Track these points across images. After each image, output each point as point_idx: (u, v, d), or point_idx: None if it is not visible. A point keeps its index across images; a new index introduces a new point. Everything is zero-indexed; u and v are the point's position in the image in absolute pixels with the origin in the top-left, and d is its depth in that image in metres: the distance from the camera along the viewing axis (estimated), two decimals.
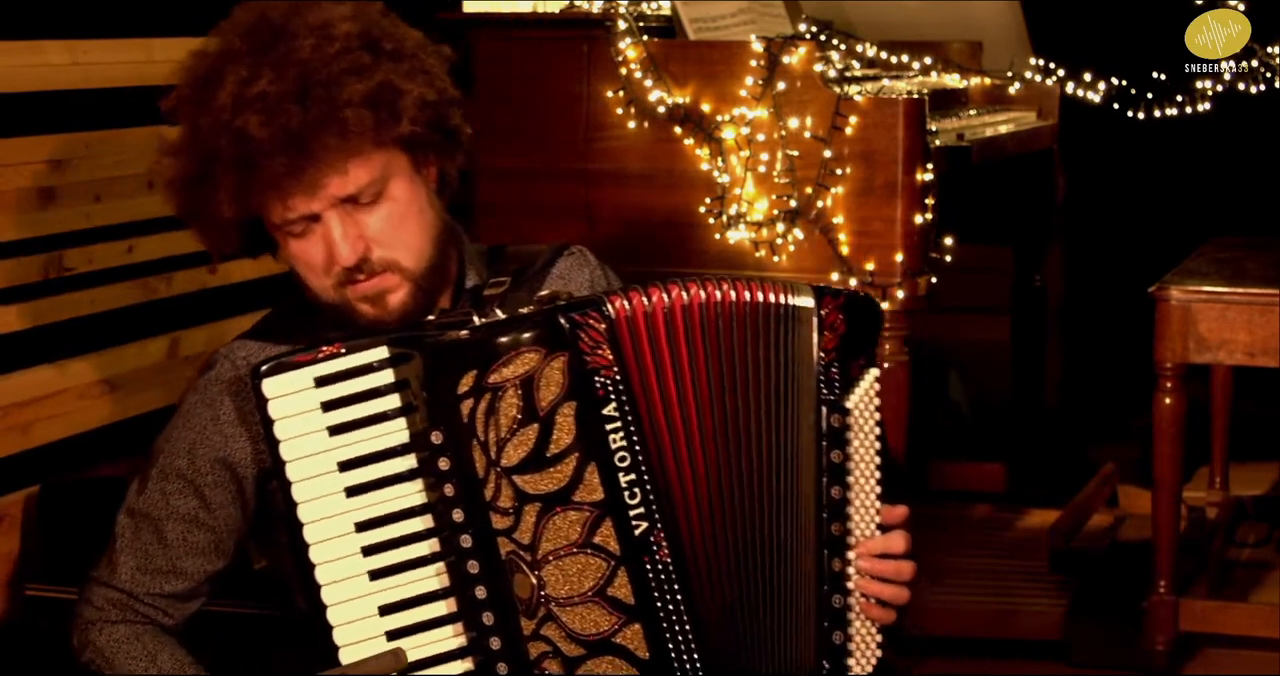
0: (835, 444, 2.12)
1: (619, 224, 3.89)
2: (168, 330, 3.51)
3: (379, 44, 2.17)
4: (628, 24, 3.84)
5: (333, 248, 2.16)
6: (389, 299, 2.20)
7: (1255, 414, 4.81)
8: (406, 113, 2.16)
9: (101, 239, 3.34)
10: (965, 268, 3.98)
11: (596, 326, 2.03)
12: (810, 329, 2.12)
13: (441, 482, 2.04)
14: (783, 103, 3.71)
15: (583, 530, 2.02)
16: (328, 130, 2.10)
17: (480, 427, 2.02)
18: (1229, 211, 5.19)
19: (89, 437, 3.31)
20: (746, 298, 2.10)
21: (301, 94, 2.10)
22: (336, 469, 2.06)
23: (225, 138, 2.11)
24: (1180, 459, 3.77)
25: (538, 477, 2.02)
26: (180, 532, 2.25)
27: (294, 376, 2.06)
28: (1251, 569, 4.20)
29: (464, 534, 2.04)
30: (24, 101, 3.16)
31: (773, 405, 2.10)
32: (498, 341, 2.02)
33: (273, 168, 2.09)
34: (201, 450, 2.25)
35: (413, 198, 2.21)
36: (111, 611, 2.24)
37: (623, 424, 2.03)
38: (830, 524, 2.12)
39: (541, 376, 2.01)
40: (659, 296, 2.06)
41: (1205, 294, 3.68)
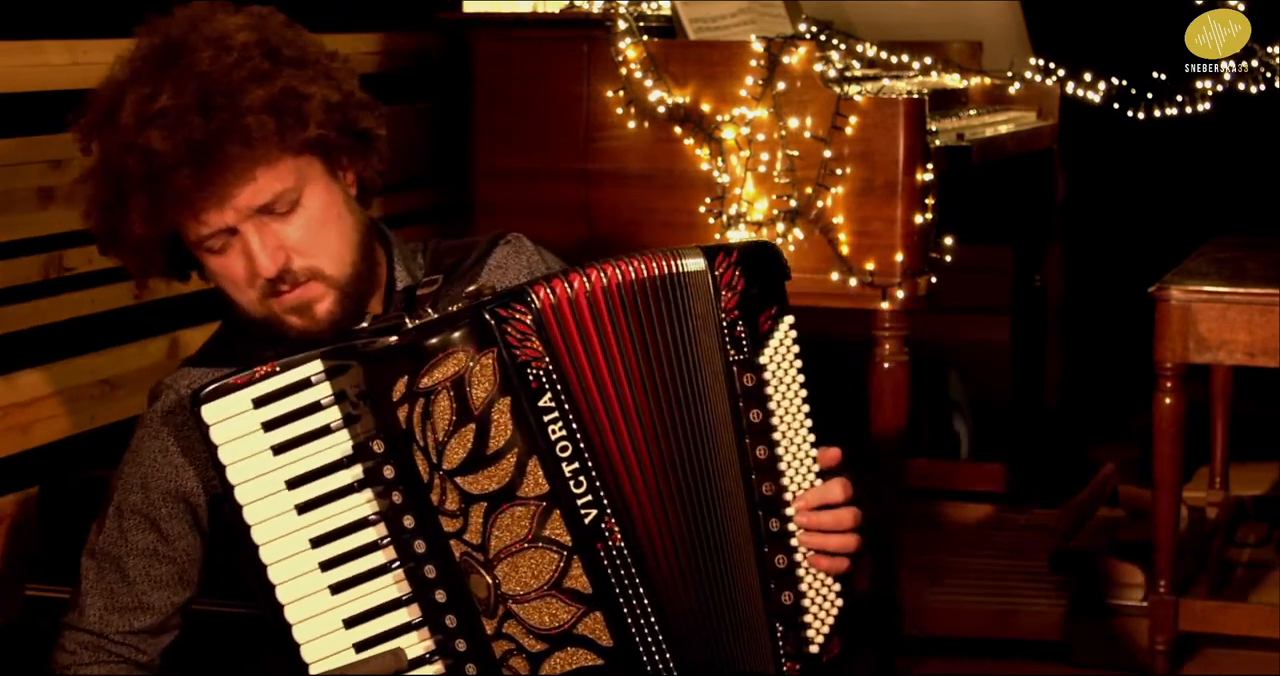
0: (753, 403, 2.12)
1: (619, 224, 3.89)
2: (167, 330, 3.51)
3: (279, 51, 2.15)
4: (628, 24, 3.84)
5: (253, 260, 2.15)
6: (316, 309, 2.18)
7: (1255, 414, 4.81)
8: (312, 117, 2.13)
9: None
10: (965, 268, 3.98)
11: (522, 318, 2.00)
12: (706, 291, 2.11)
13: (389, 491, 2.03)
14: (783, 103, 3.71)
15: (531, 524, 2.00)
16: (231, 138, 2.08)
17: (418, 432, 2.00)
18: (1229, 211, 5.19)
19: (88, 438, 3.31)
20: (645, 271, 2.08)
21: (202, 105, 2.08)
22: (285, 487, 2.05)
23: (131, 156, 2.09)
24: (1180, 459, 3.77)
25: (480, 477, 2.00)
26: (142, 568, 2.24)
27: (232, 400, 2.05)
28: (1251, 569, 4.21)
29: (417, 539, 2.03)
30: (24, 101, 3.16)
31: (687, 375, 2.09)
32: (426, 344, 1.98)
33: (180, 181, 2.08)
34: (154, 483, 2.24)
35: (329, 203, 2.19)
36: (84, 654, 2.23)
37: (560, 413, 2.00)
38: (760, 484, 2.12)
39: (472, 375, 1.98)
40: (579, 281, 2.04)
41: (1205, 294, 3.68)
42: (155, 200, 2.10)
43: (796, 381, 2.14)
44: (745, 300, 2.12)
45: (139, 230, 2.13)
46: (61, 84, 3.24)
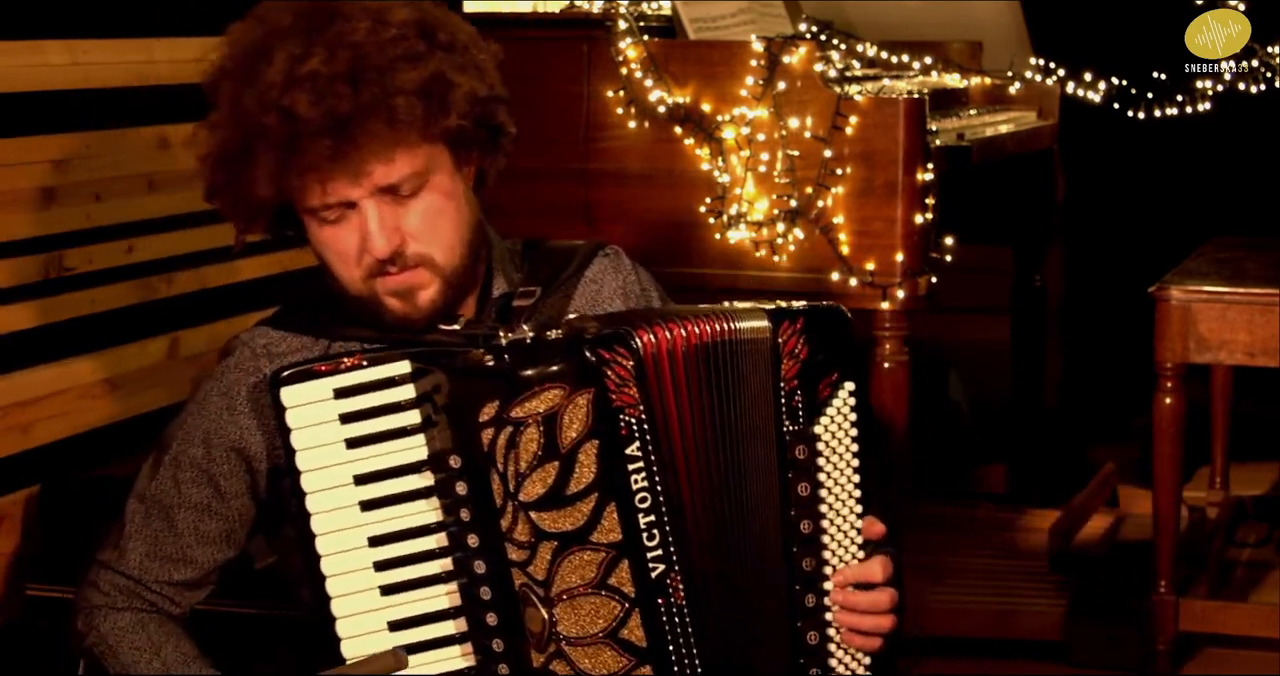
0: (803, 476, 2.08)
1: (619, 224, 3.89)
2: (168, 330, 3.51)
3: (434, 34, 2.13)
4: (628, 24, 3.84)
5: (367, 238, 2.10)
6: (419, 295, 2.14)
7: (1255, 414, 4.81)
8: (456, 106, 2.11)
9: (102, 239, 3.33)
10: (965, 268, 3.98)
11: (624, 363, 1.97)
12: (766, 359, 2.07)
13: (458, 506, 2.01)
14: (783, 102, 3.71)
15: (599, 571, 1.98)
16: (377, 116, 2.04)
17: (500, 458, 1.98)
18: (1229, 211, 5.19)
19: (90, 437, 3.31)
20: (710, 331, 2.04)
21: (353, 76, 2.04)
22: (352, 482, 2.03)
23: (271, 115, 2.04)
24: (1180, 459, 3.77)
25: (556, 515, 1.97)
26: (192, 521, 2.21)
27: (313, 386, 2.03)
28: (1252, 569, 4.21)
29: (478, 559, 2.01)
30: (24, 101, 3.16)
31: (740, 442, 2.06)
32: (522, 374, 1.97)
33: (317, 149, 2.04)
34: (217, 439, 2.20)
35: (451, 193, 2.16)
36: (118, 598, 2.21)
37: (645, 464, 1.97)
38: (802, 558, 2.08)
39: (565, 413, 1.95)
40: (678, 331, 2.01)
41: (1205, 294, 3.68)
42: (286, 162, 2.05)
43: (850, 451, 2.10)
44: (806, 368, 2.07)
45: (262, 189, 2.08)
46: (61, 84, 3.25)
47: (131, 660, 2.17)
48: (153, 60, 3.46)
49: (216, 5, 3.67)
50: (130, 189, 3.39)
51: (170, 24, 3.51)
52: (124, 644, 2.18)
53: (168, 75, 3.50)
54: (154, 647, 2.18)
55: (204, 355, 3.59)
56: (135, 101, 3.42)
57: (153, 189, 3.45)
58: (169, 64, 3.50)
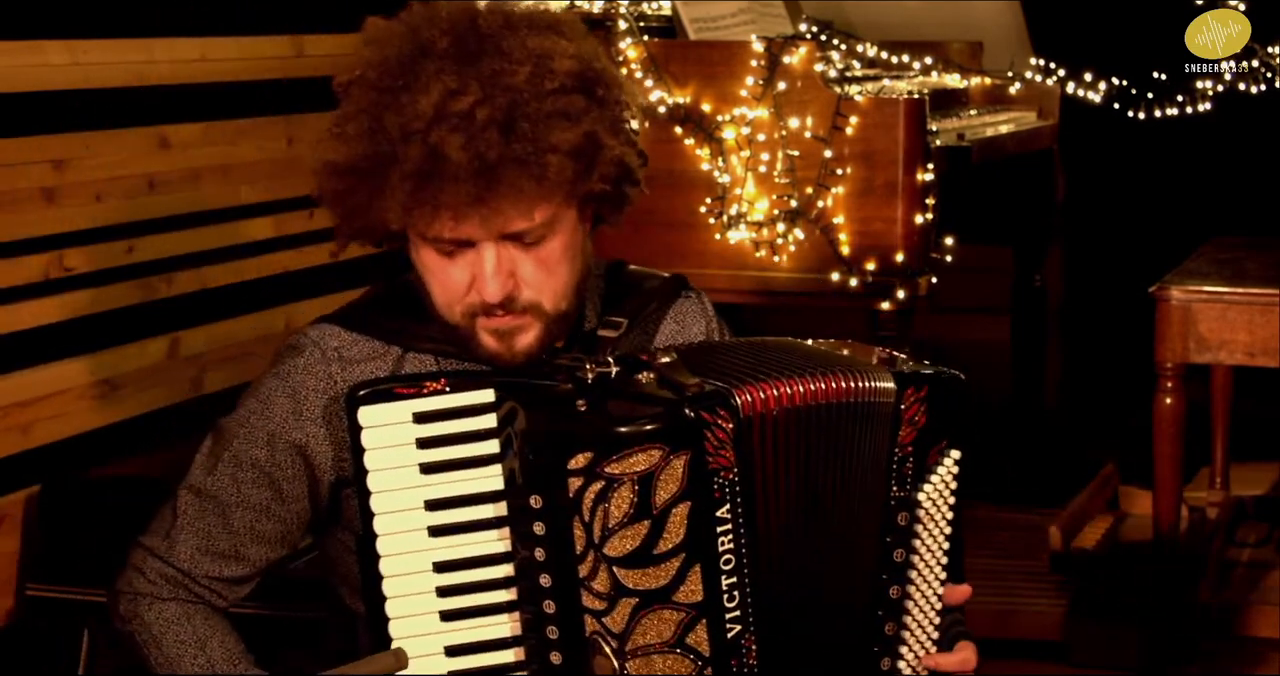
0: (900, 542, 2.07)
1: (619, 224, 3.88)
2: (168, 330, 3.51)
3: (593, 89, 2.05)
4: (628, 24, 3.84)
5: (479, 279, 2.04)
6: (518, 338, 2.08)
7: (1255, 414, 4.81)
8: (601, 169, 2.05)
9: (102, 239, 3.34)
10: (965, 268, 3.98)
11: (724, 425, 1.93)
12: (887, 423, 2.04)
13: (533, 544, 1.97)
14: (783, 103, 3.71)
15: (676, 630, 1.95)
16: (526, 171, 1.97)
17: (586, 509, 1.93)
18: (1229, 211, 5.19)
19: (89, 438, 3.31)
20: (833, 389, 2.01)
21: (507, 125, 1.97)
22: (423, 507, 2.01)
23: (416, 147, 1.97)
24: (1180, 459, 3.77)
25: (640, 573, 1.94)
26: (249, 521, 2.16)
27: (393, 408, 1.99)
28: (1252, 569, 4.21)
29: (548, 599, 1.97)
30: (24, 101, 3.16)
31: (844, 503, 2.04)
32: (618, 430, 1.92)
33: (457, 192, 1.96)
34: (281, 442, 2.14)
35: (571, 244, 2.09)
36: (164, 588, 2.15)
37: (733, 526, 1.95)
38: (885, 623, 2.08)
39: (661, 474, 1.92)
40: (784, 390, 1.97)
41: (1205, 294, 3.68)
42: (419, 197, 1.98)
43: (945, 518, 2.10)
44: (922, 436, 2.05)
45: (386, 215, 2.02)
46: (62, 84, 3.25)
47: (176, 653, 2.13)
48: (153, 60, 3.46)
49: (215, 6, 3.69)
50: (130, 189, 3.39)
51: (170, 24, 3.52)
52: (169, 635, 2.14)
53: (168, 75, 3.50)
54: (199, 642, 2.14)
55: (204, 355, 3.60)
56: (135, 101, 3.42)
57: (153, 189, 3.45)
58: (169, 64, 3.50)
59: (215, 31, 3.64)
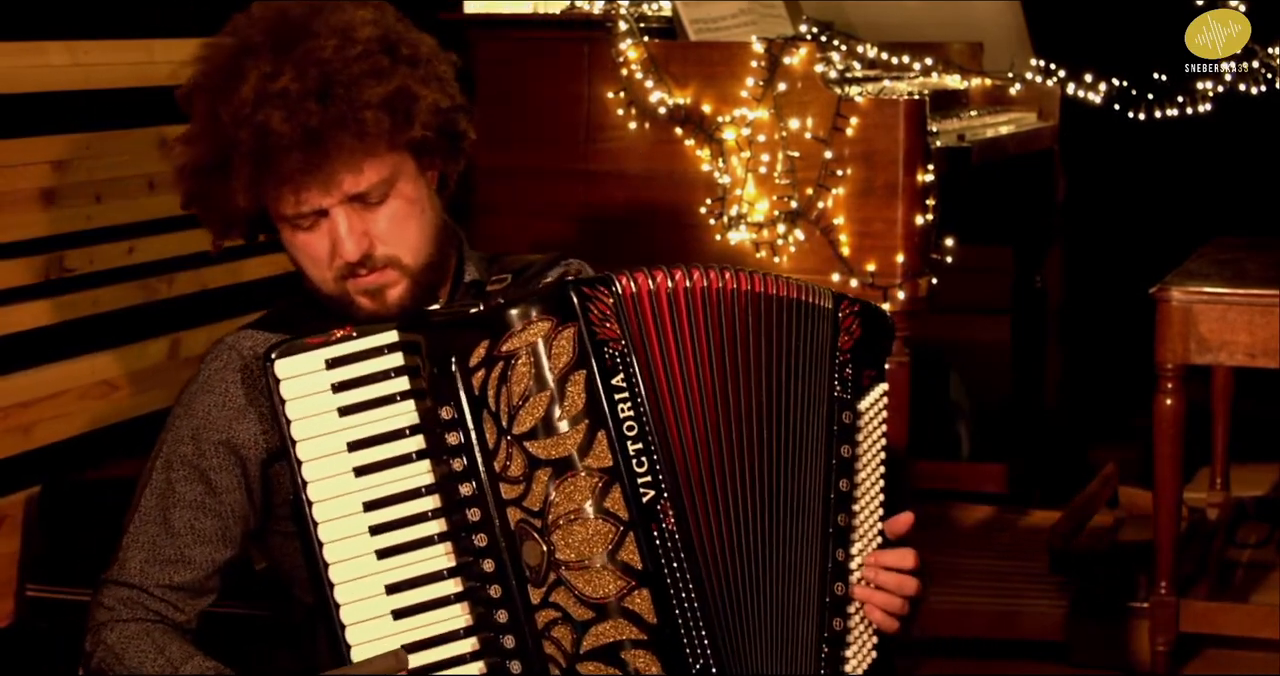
0: (845, 440, 2.18)
1: (619, 225, 3.89)
2: (168, 331, 3.52)
3: (397, 48, 2.22)
4: (628, 25, 3.84)
5: (338, 243, 2.20)
6: (388, 293, 2.24)
7: (1256, 415, 4.81)
8: (419, 118, 2.20)
9: (102, 240, 3.34)
10: (966, 268, 3.99)
11: (604, 300, 2.06)
12: (828, 328, 2.20)
13: (450, 458, 2.07)
14: (783, 103, 3.71)
15: (592, 494, 2.04)
16: (346, 130, 2.14)
17: (492, 397, 2.05)
18: (1230, 212, 5.19)
19: (90, 438, 3.31)
20: (764, 289, 2.15)
21: (322, 93, 2.15)
22: (345, 449, 2.08)
23: (246, 130, 2.14)
24: (1181, 460, 3.77)
25: (549, 443, 2.04)
26: (187, 520, 2.26)
27: (306, 358, 2.09)
28: (1252, 569, 4.21)
29: (472, 507, 2.06)
30: (25, 102, 3.16)
31: (785, 395, 2.15)
32: (509, 313, 2.05)
33: (290, 162, 2.14)
34: (206, 434, 2.27)
35: (415, 198, 2.25)
36: (122, 610, 2.24)
37: (630, 394, 2.05)
38: (836, 515, 2.17)
39: (552, 344, 2.04)
40: (664, 278, 2.10)
41: (1206, 295, 3.68)
42: (260, 174, 2.15)
43: (880, 441, 2.22)
44: (857, 349, 2.21)
45: (239, 199, 2.18)
46: (62, 85, 3.25)
47: (137, 662, 2.19)
48: (153, 61, 3.46)
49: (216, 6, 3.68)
50: (131, 190, 3.40)
51: (170, 25, 3.52)
52: (130, 649, 2.21)
53: (168, 76, 3.47)
54: (159, 648, 2.21)
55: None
56: (136, 102, 3.42)
57: (153, 190, 3.45)
58: (169, 64, 3.47)
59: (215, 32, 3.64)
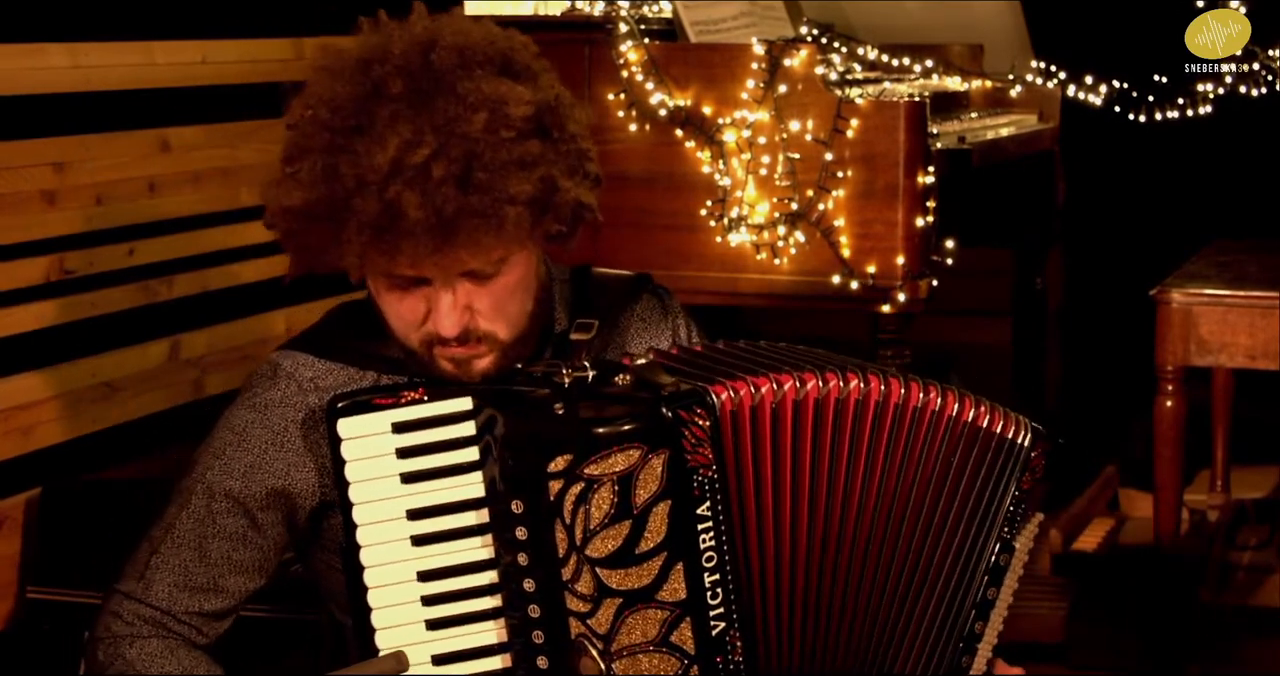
0: (995, 582, 2.14)
1: (620, 227, 3.89)
2: (168, 333, 3.52)
3: (549, 131, 2.04)
4: (629, 27, 3.84)
5: (436, 316, 2.05)
6: (475, 364, 2.08)
7: (1256, 417, 4.81)
8: (558, 211, 2.03)
9: (102, 242, 3.34)
10: (966, 270, 3.98)
11: (701, 423, 1.95)
12: (1017, 468, 2.14)
13: (515, 549, 1.97)
14: (784, 105, 3.71)
15: (661, 628, 1.96)
16: (485, 223, 1.96)
17: (568, 511, 1.94)
18: (1230, 214, 5.19)
19: (90, 441, 3.31)
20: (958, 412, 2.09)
21: (464, 178, 1.95)
22: (405, 516, 2.01)
23: (373, 202, 1.95)
24: (1181, 462, 3.77)
25: (623, 573, 1.96)
26: (225, 551, 2.16)
27: (372, 419, 2.01)
28: (1252, 572, 4.21)
29: (533, 603, 1.98)
30: (25, 104, 3.16)
31: (944, 527, 2.09)
32: (596, 431, 1.93)
33: (415, 245, 1.96)
34: (259, 475, 2.14)
35: (526, 274, 2.10)
36: (144, 628, 2.14)
37: (714, 523, 1.96)
38: (962, 657, 2.15)
39: (640, 474, 1.94)
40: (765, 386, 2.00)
41: (1206, 297, 3.68)
42: (377, 246, 1.97)
43: (1015, 578, 2.17)
44: (1032, 490, 2.16)
45: (342, 261, 2.01)
46: (63, 86, 3.25)
47: None
48: (153, 63, 3.46)
49: (216, 8, 3.68)
50: (131, 191, 3.39)
51: (170, 27, 3.52)
52: (153, 669, 2.12)
53: (168, 78, 3.50)
54: (184, 670, 2.12)
55: (204, 357, 3.60)
56: (136, 104, 3.42)
57: (153, 191, 3.45)
58: (169, 66, 3.50)
59: (216, 34, 3.64)
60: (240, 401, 2.18)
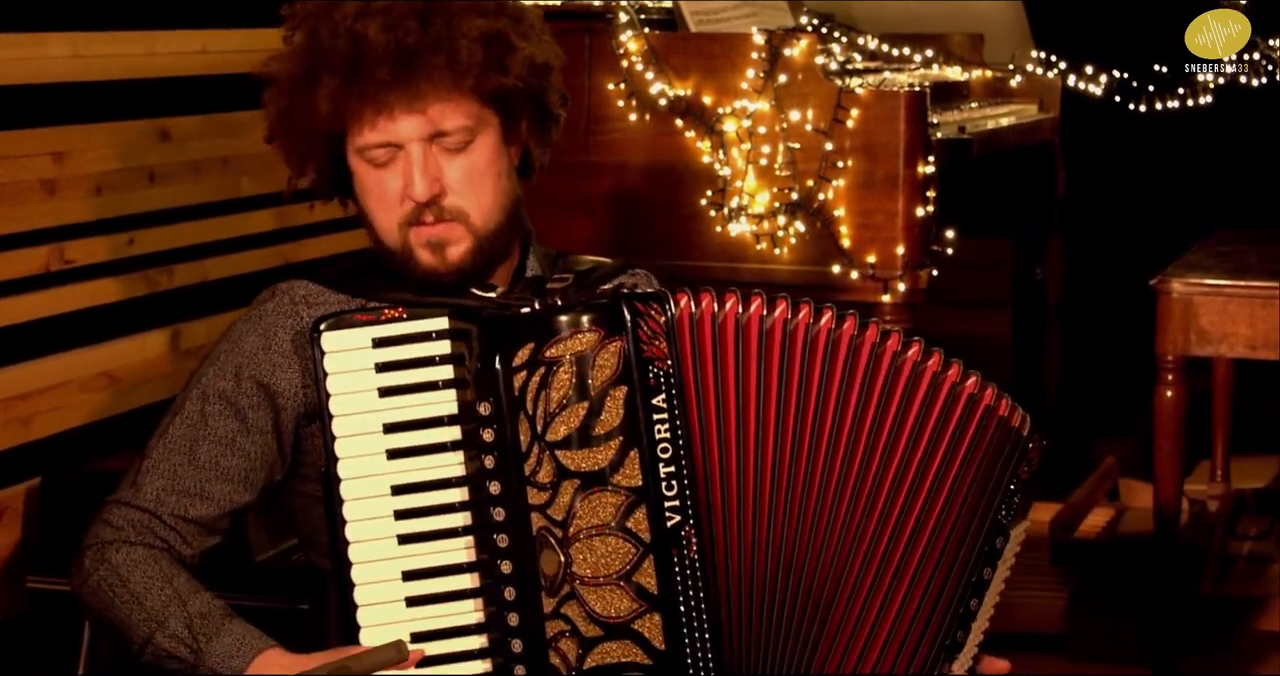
0: (989, 562, 2.20)
1: (620, 216, 3.89)
2: (168, 323, 3.51)
3: (504, 2, 2.22)
4: (629, 16, 3.83)
5: (409, 180, 2.18)
6: (449, 249, 2.20)
7: (1256, 407, 4.81)
8: (514, 68, 2.18)
9: (102, 231, 3.33)
10: (966, 261, 3.98)
11: (657, 318, 2.04)
12: (1018, 453, 2.18)
13: (482, 454, 2.05)
14: (784, 95, 3.71)
15: (617, 512, 2.02)
16: (440, 53, 2.13)
17: (530, 401, 2.03)
18: (1230, 204, 5.19)
19: (90, 430, 3.31)
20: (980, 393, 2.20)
21: (424, 14, 2.14)
22: (381, 430, 2.08)
23: (341, 40, 2.14)
24: (1181, 452, 3.77)
25: (580, 455, 2.02)
26: (214, 455, 2.24)
27: (353, 334, 2.09)
28: (1252, 562, 4.21)
29: (497, 506, 2.04)
30: (25, 94, 3.16)
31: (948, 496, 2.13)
32: (558, 319, 2.03)
33: (379, 74, 2.12)
34: (248, 371, 2.25)
35: (494, 160, 2.22)
36: (130, 531, 2.20)
37: (669, 416, 2.03)
38: (955, 631, 2.20)
39: (597, 356, 2.02)
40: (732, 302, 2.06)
41: (1206, 287, 3.68)
42: (348, 85, 2.14)
43: (1003, 574, 2.24)
44: (1027, 484, 2.19)
45: (322, 108, 2.16)
46: (63, 76, 3.25)
47: (143, 588, 2.16)
48: (153, 53, 3.46)
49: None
50: (131, 181, 3.39)
51: (171, 17, 3.51)
52: (136, 572, 2.17)
53: (168, 67, 3.50)
54: (166, 577, 2.17)
55: (205, 347, 3.59)
56: (136, 94, 3.41)
57: (154, 181, 3.45)
58: (169, 56, 3.50)
59: (216, 23, 3.64)
60: (240, 318, 2.31)
